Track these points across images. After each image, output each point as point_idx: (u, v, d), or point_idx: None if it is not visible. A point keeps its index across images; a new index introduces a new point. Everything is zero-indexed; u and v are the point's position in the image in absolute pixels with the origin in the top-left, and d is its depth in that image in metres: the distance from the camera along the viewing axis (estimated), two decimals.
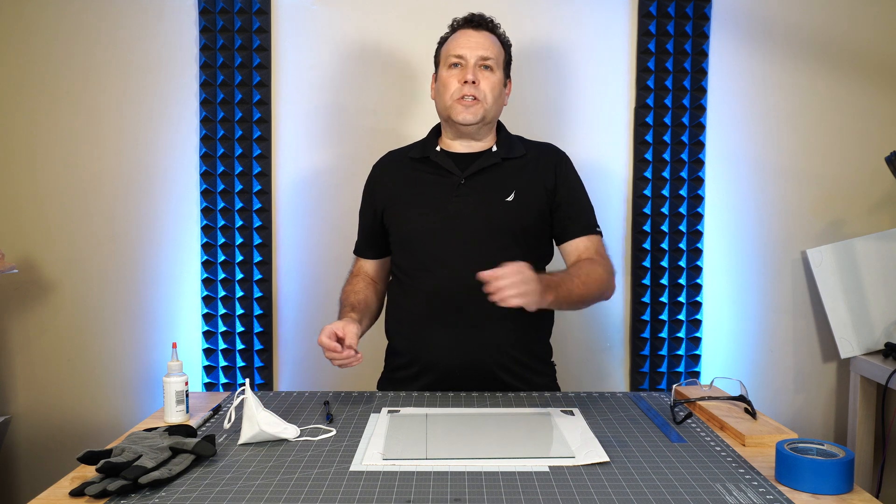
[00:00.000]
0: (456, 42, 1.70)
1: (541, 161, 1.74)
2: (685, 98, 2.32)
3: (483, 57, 1.68)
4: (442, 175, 1.71)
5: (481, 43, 1.69)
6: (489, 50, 1.69)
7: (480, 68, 1.68)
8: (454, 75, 1.68)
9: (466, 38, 1.69)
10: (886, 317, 2.32)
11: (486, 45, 1.69)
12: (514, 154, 1.73)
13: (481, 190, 1.68)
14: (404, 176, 1.76)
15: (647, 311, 2.38)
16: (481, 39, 1.69)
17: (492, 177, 1.70)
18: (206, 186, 2.34)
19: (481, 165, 1.70)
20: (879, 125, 2.37)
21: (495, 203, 1.67)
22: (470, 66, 1.67)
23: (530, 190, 1.69)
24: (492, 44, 1.70)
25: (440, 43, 1.78)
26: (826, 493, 1.09)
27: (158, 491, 1.10)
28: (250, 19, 2.30)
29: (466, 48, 1.68)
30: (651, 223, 2.36)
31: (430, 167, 1.73)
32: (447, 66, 1.70)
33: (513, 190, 1.68)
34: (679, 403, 1.50)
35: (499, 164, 1.71)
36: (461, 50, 1.68)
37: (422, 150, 1.77)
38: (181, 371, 1.45)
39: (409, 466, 1.19)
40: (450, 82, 1.68)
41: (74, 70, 2.34)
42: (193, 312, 2.38)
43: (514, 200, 1.67)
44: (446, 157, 1.72)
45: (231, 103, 2.32)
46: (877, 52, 2.35)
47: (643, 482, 1.13)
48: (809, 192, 2.38)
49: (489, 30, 1.72)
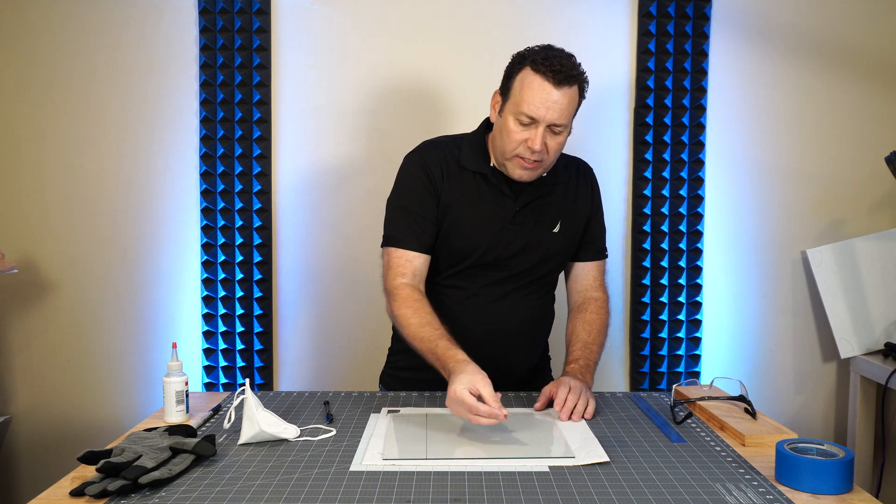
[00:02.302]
0: (532, 97, 1.49)
1: (580, 185, 1.72)
2: (685, 98, 2.32)
3: (556, 123, 1.51)
4: (496, 196, 1.63)
5: (560, 107, 1.50)
6: (565, 115, 1.51)
7: (550, 132, 1.52)
8: (522, 132, 1.52)
9: (545, 97, 1.49)
10: (886, 317, 2.32)
11: (563, 109, 1.50)
12: (560, 179, 1.69)
13: (534, 219, 1.64)
14: (462, 181, 1.63)
15: (647, 311, 2.38)
16: (561, 101, 1.50)
17: (542, 207, 1.65)
18: (206, 186, 2.34)
19: (534, 196, 1.63)
20: (879, 125, 2.37)
21: (543, 234, 1.65)
22: (540, 132, 1.51)
23: (573, 219, 1.69)
24: (570, 104, 1.52)
25: (514, 67, 1.55)
26: (826, 493, 1.09)
27: (158, 491, 1.10)
28: (250, 19, 2.30)
29: (543, 110, 1.49)
30: (651, 223, 2.36)
31: (485, 183, 1.63)
32: (516, 115, 1.52)
33: (558, 220, 1.67)
34: (679, 403, 1.50)
35: (549, 193, 1.67)
36: (537, 112, 1.49)
37: (474, 160, 1.64)
38: (181, 371, 1.45)
39: (409, 466, 1.19)
40: (515, 137, 1.53)
41: (74, 70, 2.34)
42: (193, 312, 2.38)
43: (559, 232, 1.66)
44: (502, 181, 1.62)
45: (231, 103, 2.32)
46: (877, 53, 2.35)
47: (643, 482, 1.13)
48: (809, 192, 2.38)
49: (571, 85, 1.51)
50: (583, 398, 1.46)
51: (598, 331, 1.67)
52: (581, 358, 1.61)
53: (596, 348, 1.65)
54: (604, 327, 1.70)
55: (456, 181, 1.63)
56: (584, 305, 1.71)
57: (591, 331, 1.67)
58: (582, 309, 1.71)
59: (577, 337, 1.66)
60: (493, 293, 1.64)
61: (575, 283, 1.75)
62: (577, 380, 1.51)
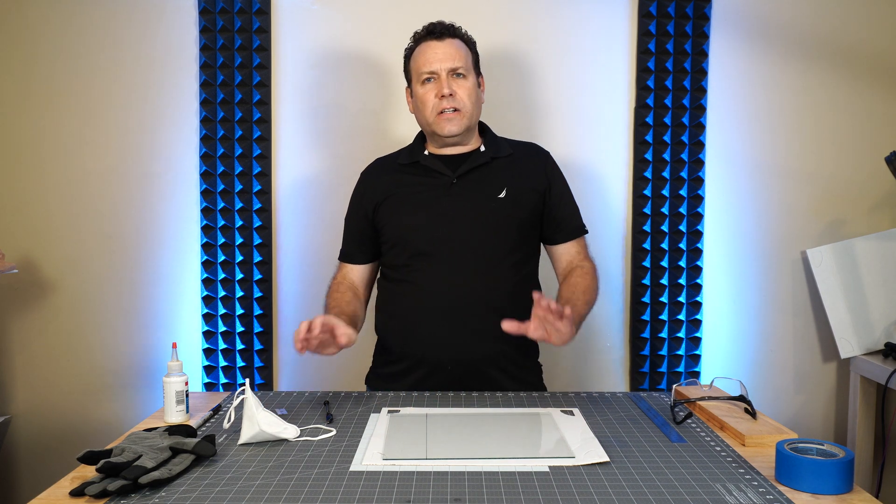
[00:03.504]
0: (423, 57, 1.71)
1: (529, 160, 1.79)
2: (685, 98, 2.32)
3: (453, 68, 1.69)
4: (433, 177, 1.74)
5: (449, 53, 1.69)
6: (457, 58, 1.69)
7: (453, 77, 1.69)
8: (429, 90, 1.70)
9: (433, 52, 1.70)
10: (886, 317, 2.32)
11: (454, 53, 1.69)
12: (502, 153, 1.77)
13: (473, 188, 1.71)
14: (395, 179, 1.77)
15: (647, 311, 2.38)
16: (448, 49, 1.70)
17: (482, 175, 1.73)
18: (206, 186, 2.34)
19: (471, 165, 1.73)
20: (879, 125, 2.37)
21: (488, 200, 1.70)
22: (443, 79, 1.68)
23: (521, 187, 1.73)
24: (458, 50, 1.71)
25: (406, 56, 1.78)
26: (826, 493, 1.09)
27: (158, 491, 1.10)
28: (250, 19, 2.30)
29: (436, 62, 1.69)
30: (651, 223, 2.36)
31: (420, 171, 1.76)
32: (420, 81, 1.71)
33: (504, 187, 1.72)
34: (679, 403, 1.50)
35: (488, 164, 1.74)
36: (431, 65, 1.69)
37: (410, 155, 1.79)
38: (181, 371, 1.45)
39: (409, 466, 1.19)
40: (427, 98, 1.70)
41: (74, 70, 2.34)
42: (193, 312, 2.38)
43: (506, 197, 1.71)
44: (436, 160, 1.75)
45: (231, 103, 2.32)
46: (877, 52, 2.35)
47: (643, 482, 1.13)
48: (809, 192, 2.38)
49: (452, 35, 1.72)
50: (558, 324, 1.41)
51: (581, 290, 1.68)
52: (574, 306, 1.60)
53: (580, 304, 1.64)
54: (588, 288, 1.70)
55: (389, 177, 1.77)
56: (569, 274, 1.75)
57: (575, 290, 1.68)
58: (566, 277, 1.75)
59: (560, 296, 1.69)
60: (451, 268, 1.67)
61: (559, 263, 1.80)
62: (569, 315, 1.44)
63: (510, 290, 1.69)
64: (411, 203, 1.73)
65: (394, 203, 1.74)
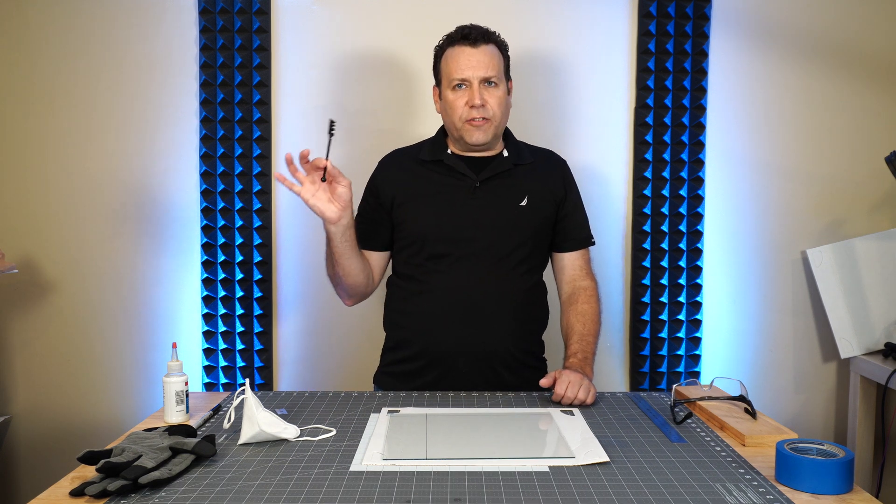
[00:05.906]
0: (456, 63, 1.66)
1: (548, 169, 1.80)
2: (685, 98, 2.32)
3: (486, 77, 1.65)
4: (456, 178, 1.73)
5: (482, 61, 1.65)
6: (490, 67, 1.66)
7: (485, 86, 1.66)
8: (460, 97, 1.67)
9: (467, 59, 1.65)
10: (886, 317, 2.32)
11: (487, 62, 1.65)
12: (524, 160, 1.77)
13: (496, 194, 1.72)
14: (416, 174, 1.76)
15: (647, 311, 2.38)
16: (482, 57, 1.65)
17: (505, 181, 1.73)
18: (206, 186, 2.33)
19: (495, 170, 1.72)
20: (879, 125, 2.37)
21: (510, 207, 1.71)
22: (475, 89, 1.65)
23: (541, 196, 1.75)
24: (491, 58, 1.67)
25: (437, 54, 1.74)
26: (826, 493, 1.09)
27: (158, 491, 1.10)
28: (250, 19, 2.30)
29: (468, 69, 1.65)
30: (651, 223, 2.36)
31: (443, 170, 1.74)
32: (450, 87, 1.68)
33: (525, 195, 1.73)
34: (679, 403, 1.50)
35: (510, 170, 1.74)
36: (463, 72, 1.65)
37: (432, 152, 1.76)
38: (181, 371, 1.45)
39: (409, 466, 1.19)
40: (457, 104, 1.67)
41: (74, 70, 2.34)
42: (193, 312, 2.38)
43: (527, 205, 1.72)
44: (459, 161, 1.73)
45: (231, 103, 2.32)
46: (877, 52, 2.35)
47: (643, 482, 1.13)
48: (809, 192, 2.38)
49: (486, 41, 1.68)
50: (583, 389, 1.53)
51: (591, 320, 1.74)
52: (579, 351, 1.67)
53: (591, 339, 1.72)
54: (596, 315, 1.76)
55: (410, 172, 1.76)
56: (575, 296, 1.77)
57: (586, 322, 1.73)
58: (573, 300, 1.77)
59: (573, 329, 1.73)
60: (470, 270, 1.69)
61: (562, 273, 1.82)
62: (577, 373, 1.56)
63: (523, 294, 1.73)
64: (435, 203, 1.72)
65: (415, 201, 1.73)
